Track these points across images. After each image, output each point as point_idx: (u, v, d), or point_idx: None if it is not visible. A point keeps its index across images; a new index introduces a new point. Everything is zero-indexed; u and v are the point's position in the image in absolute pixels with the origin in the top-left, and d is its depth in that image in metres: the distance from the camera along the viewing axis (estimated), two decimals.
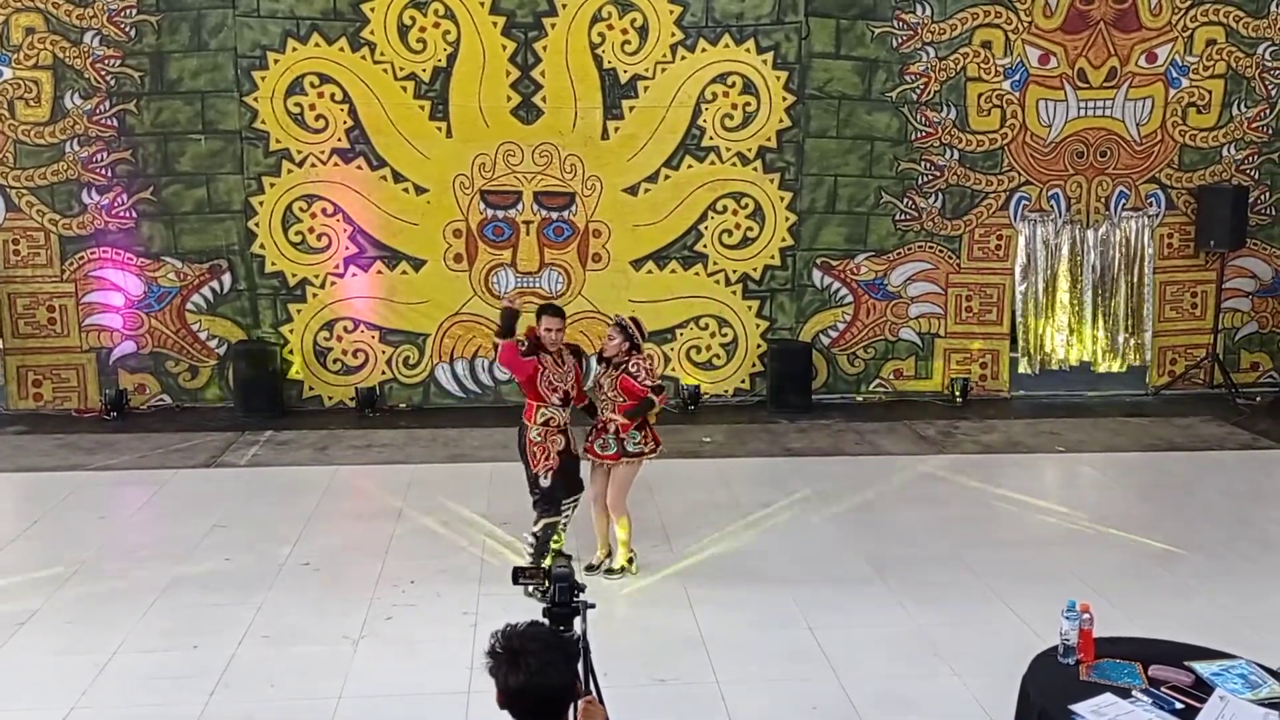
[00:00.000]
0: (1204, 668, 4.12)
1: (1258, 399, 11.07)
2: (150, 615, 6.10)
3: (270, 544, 7.13)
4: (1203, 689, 3.99)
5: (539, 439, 6.44)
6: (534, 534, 6.50)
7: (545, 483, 6.43)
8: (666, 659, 5.62)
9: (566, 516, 6.59)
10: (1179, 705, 3.88)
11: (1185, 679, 4.05)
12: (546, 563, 6.21)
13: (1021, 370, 11.12)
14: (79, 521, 7.58)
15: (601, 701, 3.15)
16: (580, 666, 3.13)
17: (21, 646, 5.75)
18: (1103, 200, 10.97)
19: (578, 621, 3.56)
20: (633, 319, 6.62)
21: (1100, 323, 11.11)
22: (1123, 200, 10.99)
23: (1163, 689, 3.99)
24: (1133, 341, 11.17)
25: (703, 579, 6.62)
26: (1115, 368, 11.21)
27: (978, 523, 7.64)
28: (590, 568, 6.60)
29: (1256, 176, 11.07)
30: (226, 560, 6.89)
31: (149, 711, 5.09)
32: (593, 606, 3.70)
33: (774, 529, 7.46)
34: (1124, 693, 3.96)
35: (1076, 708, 3.87)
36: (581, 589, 3.65)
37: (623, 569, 6.62)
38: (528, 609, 3.28)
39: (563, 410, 6.48)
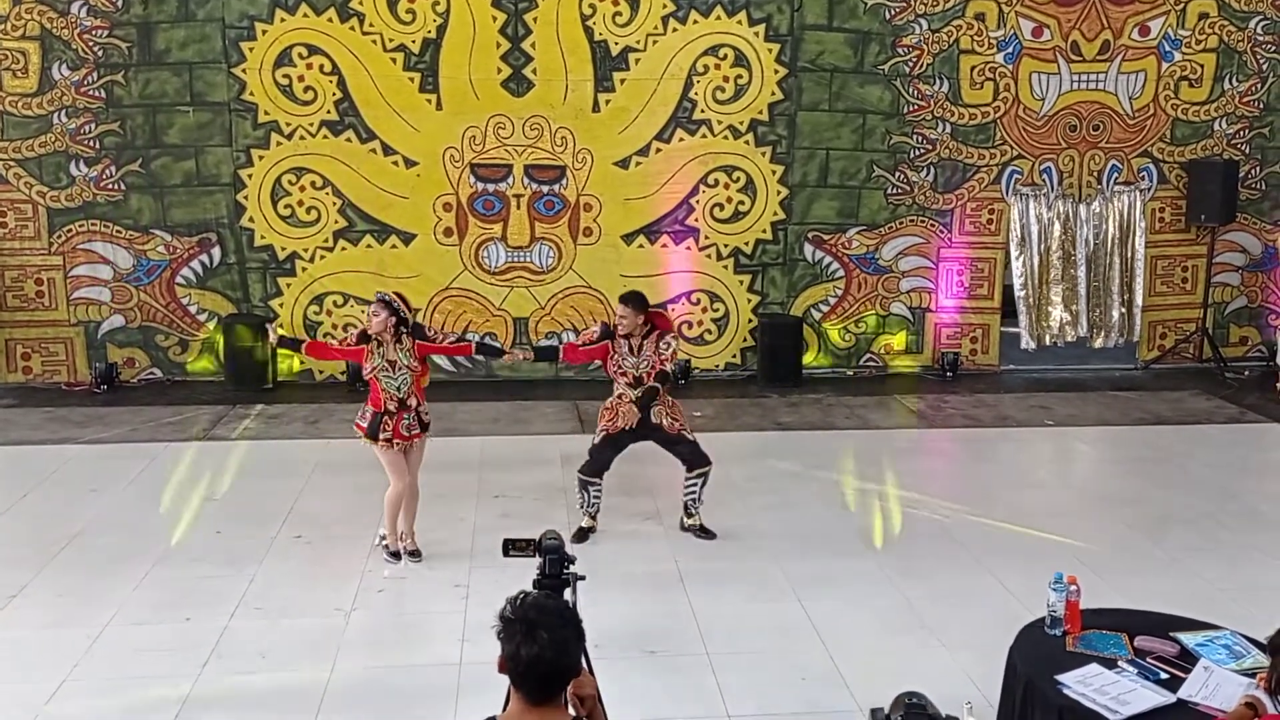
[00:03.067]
0: (1189, 638, 4.16)
1: (1246, 373, 11.13)
2: (142, 588, 6.10)
3: (262, 517, 7.13)
4: (1188, 659, 4.04)
5: (609, 405, 6.71)
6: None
7: (596, 440, 6.76)
8: (656, 631, 5.64)
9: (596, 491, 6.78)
10: (1164, 675, 3.92)
11: (1170, 649, 4.10)
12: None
13: (1023, 346, 11.13)
14: (69, 495, 7.58)
15: (592, 672, 3.17)
16: None
17: (12, 620, 5.75)
18: (1095, 174, 10.97)
19: (568, 593, 3.58)
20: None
21: (1092, 298, 11.13)
22: (1115, 174, 10.99)
23: (1148, 659, 4.03)
24: (1118, 315, 11.16)
25: (693, 552, 6.65)
26: (1107, 344, 11.23)
27: (966, 496, 7.67)
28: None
29: (1247, 151, 11.08)
30: (218, 533, 6.90)
31: (141, 683, 5.10)
32: (583, 578, 3.73)
33: (764, 503, 7.49)
34: (1110, 663, 4.00)
35: (1063, 678, 3.90)
36: (572, 561, 3.67)
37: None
38: (519, 582, 3.28)
39: (633, 390, 6.60)
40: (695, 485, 6.79)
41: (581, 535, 6.68)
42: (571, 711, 2.84)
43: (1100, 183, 10.97)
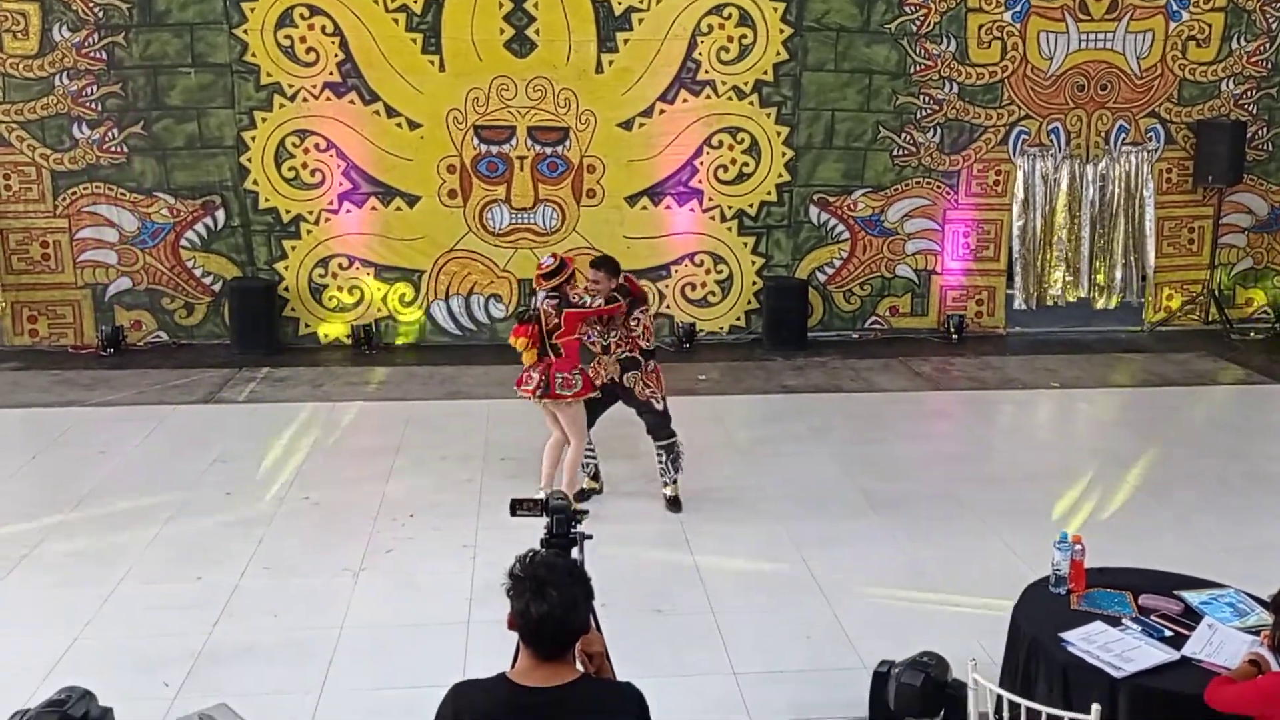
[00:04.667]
0: (1193, 597, 4.19)
1: (1252, 334, 11.11)
2: (152, 548, 6.15)
3: (270, 479, 7.18)
4: (1192, 617, 4.06)
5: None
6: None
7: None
8: (663, 591, 5.69)
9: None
10: (1168, 633, 3.95)
11: (1175, 607, 4.12)
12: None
13: (1017, 306, 11.12)
14: (79, 457, 7.62)
15: (600, 630, 3.20)
16: None
17: (24, 579, 5.81)
18: (1102, 135, 10.89)
19: (575, 552, 3.60)
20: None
21: (1098, 259, 11.09)
22: (1122, 134, 10.92)
23: (1152, 617, 4.05)
24: (1121, 274, 11.11)
25: (699, 514, 6.67)
26: (1112, 305, 11.21)
27: (971, 458, 7.70)
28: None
29: (1255, 111, 11.00)
30: (227, 494, 6.94)
31: (152, 642, 5.15)
32: (590, 537, 3.75)
33: (769, 465, 7.52)
34: (1114, 621, 4.02)
35: (1067, 636, 3.93)
36: (579, 520, 3.69)
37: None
38: (526, 542, 3.31)
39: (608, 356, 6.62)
40: (661, 456, 6.72)
41: (583, 496, 6.70)
42: (580, 668, 2.87)
43: (1107, 143, 10.90)
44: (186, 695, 4.68)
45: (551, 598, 2.69)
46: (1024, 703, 3.55)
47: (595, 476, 6.88)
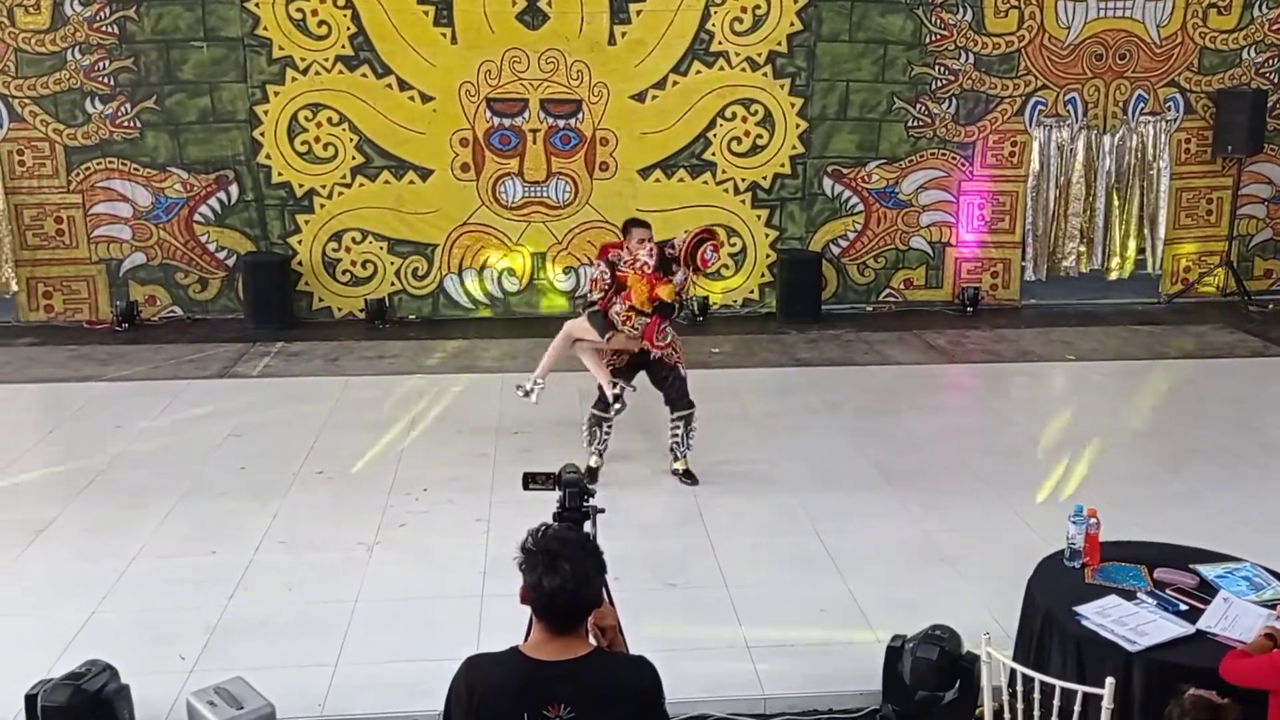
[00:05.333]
0: (1208, 570, 4.17)
1: (1270, 306, 11.02)
2: (168, 522, 6.19)
3: (284, 453, 7.20)
4: (1207, 591, 4.05)
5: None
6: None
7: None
8: (676, 564, 5.70)
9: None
10: (1183, 607, 3.94)
11: (1190, 581, 4.10)
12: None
13: (1028, 277, 11.04)
14: (94, 431, 7.66)
15: (612, 604, 3.20)
16: None
17: (41, 553, 5.85)
18: (1120, 105, 10.78)
19: (587, 525, 3.60)
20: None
21: (1114, 230, 11.00)
22: (1141, 104, 10.79)
23: (1167, 591, 4.04)
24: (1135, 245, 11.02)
25: (712, 487, 6.67)
26: (1126, 275, 11.12)
27: (986, 431, 7.67)
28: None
29: (1276, 80, 10.86)
30: (242, 469, 6.97)
31: (169, 615, 5.19)
32: (602, 511, 3.74)
33: (783, 438, 7.50)
34: (1129, 595, 4.01)
35: (1081, 609, 3.92)
36: (591, 494, 3.69)
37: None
38: (539, 516, 3.30)
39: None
40: (678, 428, 6.68)
41: (593, 475, 6.61)
42: (593, 642, 2.87)
43: (1125, 113, 10.78)
44: (202, 669, 4.71)
45: (564, 571, 2.69)
46: (1038, 676, 3.55)
47: (602, 454, 6.81)
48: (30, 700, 4.16)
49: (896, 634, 4.52)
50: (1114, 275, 11.10)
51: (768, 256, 10.80)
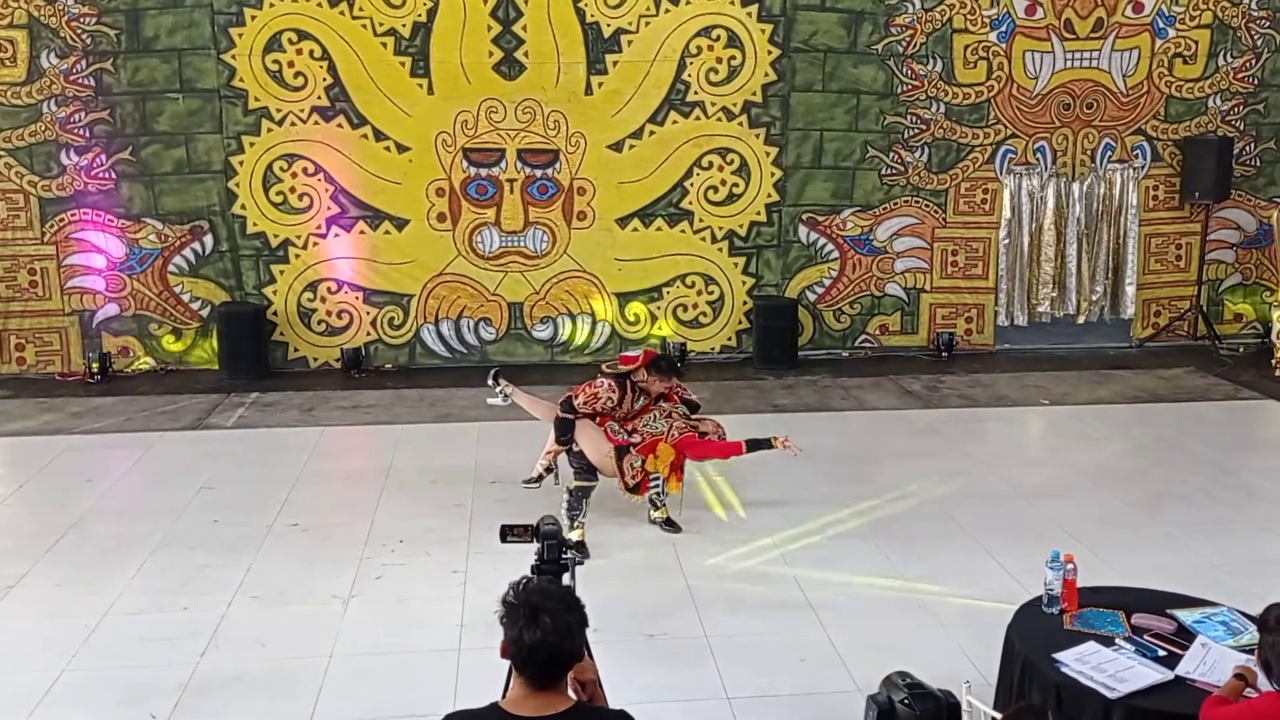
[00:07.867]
0: (1186, 615, 4.18)
1: (1241, 350, 11.13)
2: (139, 577, 6.10)
3: (258, 505, 7.12)
4: (1185, 636, 4.05)
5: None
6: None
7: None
8: (655, 614, 5.65)
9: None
10: (1161, 652, 3.93)
11: (1168, 626, 4.11)
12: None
13: (1000, 322, 11.13)
14: (65, 485, 7.56)
15: (591, 656, 3.18)
16: None
17: (10, 611, 5.75)
18: (1089, 153, 10.94)
19: (566, 578, 3.57)
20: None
21: (1084, 276, 11.12)
22: (1109, 152, 10.97)
23: (1145, 637, 4.04)
24: (1103, 289, 11.14)
25: (690, 535, 6.65)
26: (1090, 318, 11.22)
27: (963, 476, 7.68)
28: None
29: (1242, 127, 11.06)
30: (215, 522, 6.89)
31: (140, 673, 5.10)
32: (581, 563, 3.72)
33: (760, 485, 7.49)
34: (1107, 641, 4.01)
35: (1060, 656, 3.91)
36: (570, 546, 3.66)
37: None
38: (517, 568, 3.29)
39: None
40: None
41: (583, 549, 6.24)
42: (573, 696, 2.84)
43: (1094, 161, 10.95)
44: None
45: (545, 625, 2.67)
46: None
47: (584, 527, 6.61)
48: None
49: (873, 693, 4.43)
50: (1082, 320, 11.20)
51: (745, 303, 10.85)
